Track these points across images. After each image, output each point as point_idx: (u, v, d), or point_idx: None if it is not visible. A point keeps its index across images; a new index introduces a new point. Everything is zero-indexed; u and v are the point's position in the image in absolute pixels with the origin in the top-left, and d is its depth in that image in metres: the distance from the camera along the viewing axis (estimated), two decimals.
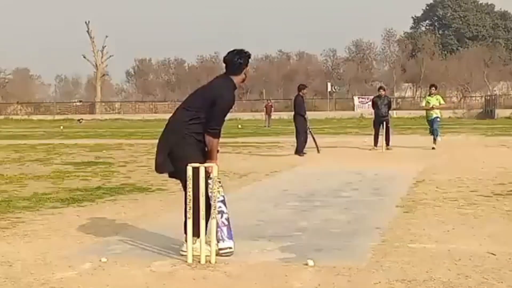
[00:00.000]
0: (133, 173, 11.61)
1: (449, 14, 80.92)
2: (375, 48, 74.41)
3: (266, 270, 4.68)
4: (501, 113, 46.93)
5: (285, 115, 43.11)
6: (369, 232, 6.02)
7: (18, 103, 64.03)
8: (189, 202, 4.88)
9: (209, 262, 4.84)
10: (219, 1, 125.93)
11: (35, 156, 15.81)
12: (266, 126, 36.22)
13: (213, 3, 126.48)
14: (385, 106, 17.30)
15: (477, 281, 4.34)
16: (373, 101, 18.16)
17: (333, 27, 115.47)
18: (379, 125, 17.05)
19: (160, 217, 7.01)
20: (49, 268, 4.79)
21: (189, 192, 4.88)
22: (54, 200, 8.19)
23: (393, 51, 74.48)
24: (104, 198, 8.45)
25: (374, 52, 74.88)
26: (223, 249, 5.03)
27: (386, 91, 18.91)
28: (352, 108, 55.56)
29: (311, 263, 4.75)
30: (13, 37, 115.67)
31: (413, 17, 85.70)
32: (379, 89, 18.22)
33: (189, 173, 4.87)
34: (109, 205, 7.84)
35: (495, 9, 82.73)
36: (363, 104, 53.06)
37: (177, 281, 4.46)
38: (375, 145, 17.08)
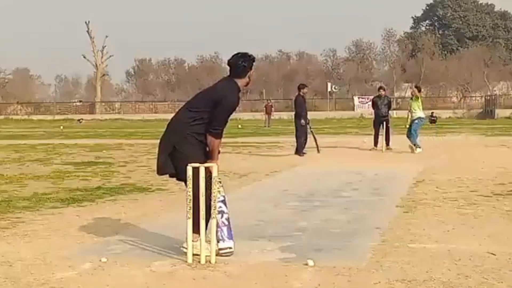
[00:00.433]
0: (133, 173, 11.61)
1: (449, 14, 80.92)
2: (375, 48, 74.55)
3: (266, 270, 4.68)
4: (501, 113, 46.96)
5: (285, 115, 43.12)
6: (369, 232, 6.02)
7: (18, 103, 64.05)
8: (189, 202, 4.88)
9: (209, 262, 4.84)
10: (219, 1, 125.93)
11: (35, 156, 15.81)
12: (266, 126, 36.22)
13: (213, 3, 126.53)
14: (385, 106, 17.29)
15: (477, 281, 4.34)
16: (373, 101, 18.15)
17: (333, 27, 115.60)
18: (379, 125, 17.05)
19: (160, 217, 7.01)
20: (49, 268, 4.80)
21: (189, 192, 4.89)
22: (54, 200, 8.19)
23: (393, 51, 74.55)
24: (104, 198, 8.45)
25: (374, 52, 74.98)
26: (223, 249, 5.04)
27: (386, 91, 18.90)
28: (352, 108, 55.57)
29: (311, 263, 4.75)
30: (13, 37, 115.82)
31: (413, 17, 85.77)
32: (379, 89, 18.21)
33: (189, 173, 4.87)
34: (109, 205, 7.84)
35: (495, 9, 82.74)
36: (363, 104, 53.06)
37: (177, 281, 4.46)
38: (375, 145, 17.08)
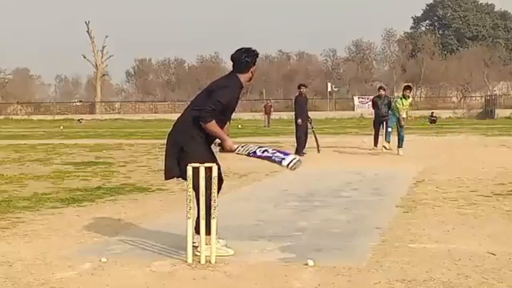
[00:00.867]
0: (133, 173, 11.61)
1: (449, 14, 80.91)
2: (375, 48, 74.58)
3: (266, 270, 4.67)
4: (501, 113, 46.96)
5: (285, 115, 43.11)
6: (369, 232, 6.02)
7: (18, 103, 64.04)
8: (189, 202, 4.88)
9: (209, 262, 4.84)
10: (219, 1, 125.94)
11: (35, 156, 15.80)
12: (265, 126, 36.22)
13: (213, 3, 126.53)
14: (385, 106, 17.25)
15: (477, 281, 4.34)
16: (373, 101, 18.14)
17: (333, 27, 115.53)
18: (379, 125, 17.03)
19: (160, 217, 7.01)
20: (49, 268, 4.79)
21: (189, 192, 4.88)
22: (54, 200, 8.19)
23: (393, 51, 74.57)
24: (104, 198, 8.45)
25: (374, 52, 75.00)
26: (291, 161, 5.02)
27: (386, 91, 18.88)
28: (352, 108, 55.56)
29: (311, 263, 4.75)
30: (13, 37, 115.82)
31: (413, 17, 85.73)
32: (379, 89, 18.18)
33: (189, 173, 4.87)
34: (109, 205, 7.84)
35: (495, 9, 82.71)
36: (363, 104, 53.06)
37: (177, 281, 4.46)
38: (375, 145, 17.07)
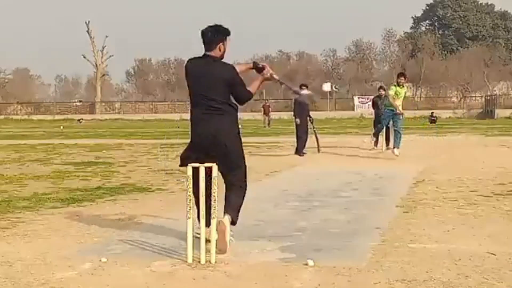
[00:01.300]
0: (133, 173, 11.61)
1: (449, 14, 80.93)
2: (375, 48, 74.66)
3: (266, 270, 4.67)
4: (501, 113, 46.98)
5: (285, 115, 43.10)
6: (369, 232, 6.02)
7: (18, 103, 64.08)
8: (189, 202, 4.88)
9: (209, 262, 4.84)
10: (219, 1, 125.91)
11: (35, 156, 15.81)
12: (265, 126, 36.23)
13: (213, 3, 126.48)
14: (383, 105, 17.26)
15: (477, 281, 4.34)
16: (373, 101, 18.16)
17: (333, 27, 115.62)
18: (378, 124, 17.02)
19: (160, 217, 7.00)
20: (49, 268, 4.79)
21: (189, 192, 4.89)
22: (54, 200, 8.19)
23: (393, 51, 74.63)
24: (104, 198, 8.44)
25: (374, 52, 75.09)
26: None
27: (386, 91, 18.87)
28: (352, 108, 55.58)
29: (311, 263, 4.75)
30: (13, 37, 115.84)
31: (413, 17, 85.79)
32: (379, 89, 18.20)
33: (189, 172, 4.88)
34: (109, 205, 7.84)
35: (495, 9, 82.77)
36: (363, 104, 53.08)
37: (177, 281, 4.46)
38: (375, 145, 17.06)
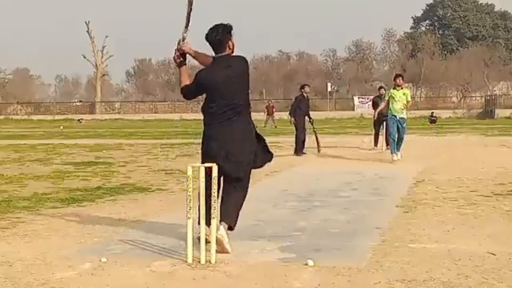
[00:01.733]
0: (133, 173, 11.61)
1: (449, 14, 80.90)
2: (375, 48, 74.61)
3: (266, 270, 4.68)
4: (501, 113, 46.94)
5: (285, 115, 43.03)
6: (369, 232, 6.02)
7: (18, 103, 64.06)
8: (189, 202, 4.88)
9: (209, 262, 4.84)
10: (219, 1, 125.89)
11: (35, 156, 15.80)
12: (265, 126, 36.19)
13: (213, 3, 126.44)
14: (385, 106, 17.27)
15: (477, 281, 4.34)
16: (373, 101, 18.16)
17: (333, 27, 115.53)
18: (379, 125, 17.04)
19: (160, 217, 7.01)
20: (49, 268, 4.79)
21: (189, 192, 4.89)
22: (54, 200, 8.19)
23: (393, 51, 74.59)
24: (104, 198, 8.44)
25: (374, 52, 75.04)
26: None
27: (386, 91, 18.88)
28: (352, 108, 55.55)
29: (311, 263, 4.75)
30: (13, 37, 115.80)
31: (413, 17, 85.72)
32: (380, 89, 18.20)
33: (189, 172, 4.88)
34: (109, 205, 7.84)
35: (495, 9, 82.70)
36: (363, 104, 53.05)
37: (177, 281, 4.46)
38: (375, 145, 17.08)
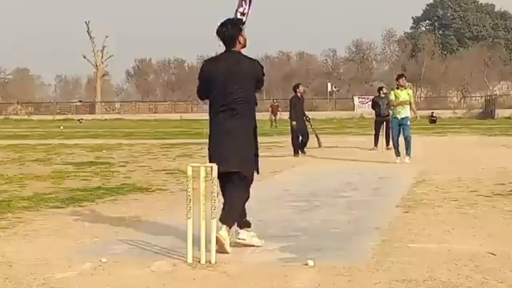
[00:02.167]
0: (133, 173, 11.60)
1: (449, 14, 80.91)
2: (375, 48, 74.57)
3: (266, 270, 4.67)
4: (501, 113, 46.93)
5: (285, 115, 43.06)
6: (369, 232, 6.02)
7: (18, 103, 64.07)
8: (189, 202, 4.87)
9: (209, 262, 4.84)
10: (219, 1, 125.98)
11: (35, 156, 15.80)
12: (272, 126, 36.18)
13: (213, 3, 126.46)
14: (386, 105, 17.26)
15: (477, 281, 4.34)
16: (374, 100, 18.16)
17: (333, 27, 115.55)
18: (380, 125, 17.04)
19: (160, 217, 7.00)
20: (49, 268, 4.79)
21: (189, 192, 4.88)
22: (54, 200, 8.18)
23: (393, 51, 74.57)
24: (104, 198, 8.44)
25: (374, 52, 75.01)
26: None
27: (389, 91, 18.88)
28: (352, 108, 55.56)
29: (311, 263, 4.75)
30: (13, 37, 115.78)
31: (413, 17, 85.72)
32: (379, 90, 18.20)
33: (189, 172, 4.88)
34: (109, 205, 7.84)
35: (495, 9, 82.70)
36: (363, 104, 53.05)
37: (177, 281, 4.46)
38: (375, 145, 17.08)
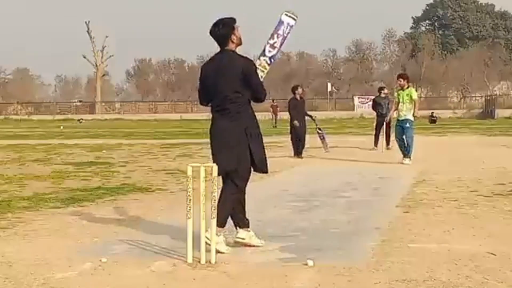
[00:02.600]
0: (133, 173, 11.61)
1: (449, 14, 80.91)
2: (375, 48, 74.54)
3: (266, 270, 4.68)
4: (501, 113, 46.92)
5: (285, 115, 43.08)
6: (369, 232, 6.02)
7: (18, 103, 64.07)
8: (189, 202, 4.87)
9: (209, 262, 4.84)
10: (219, 1, 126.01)
11: (35, 156, 15.80)
12: (274, 126, 36.24)
13: (213, 3, 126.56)
14: (387, 105, 17.28)
15: (477, 281, 4.34)
16: (374, 101, 18.17)
17: (333, 27, 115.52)
18: (380, 126, 17.03)
19: (160, 217, 7.01)
20: (49, 268, 4.79)
21: (189, 192, 4.88)
22: (54, 200, 8.19)
23: (393, 51, 74.53)
24: (104, 198, 8.44)
25: (374, 52, 74.99)
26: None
27: (388, 92, 18.91)
28: (352, 108, 55.57)
29: (311, 263, 4.75)
30: (13, 37, 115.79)
31: (413, 17, 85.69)
32: (380, 90, 18.21)
33: (189, 172, 4.88)
34: (109, 205, 7.84)
35: (495, 9, 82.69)
36: (363, 104, 53.06)
37: (177, 281, 4.46)
38: (375, 145, 17.08)
